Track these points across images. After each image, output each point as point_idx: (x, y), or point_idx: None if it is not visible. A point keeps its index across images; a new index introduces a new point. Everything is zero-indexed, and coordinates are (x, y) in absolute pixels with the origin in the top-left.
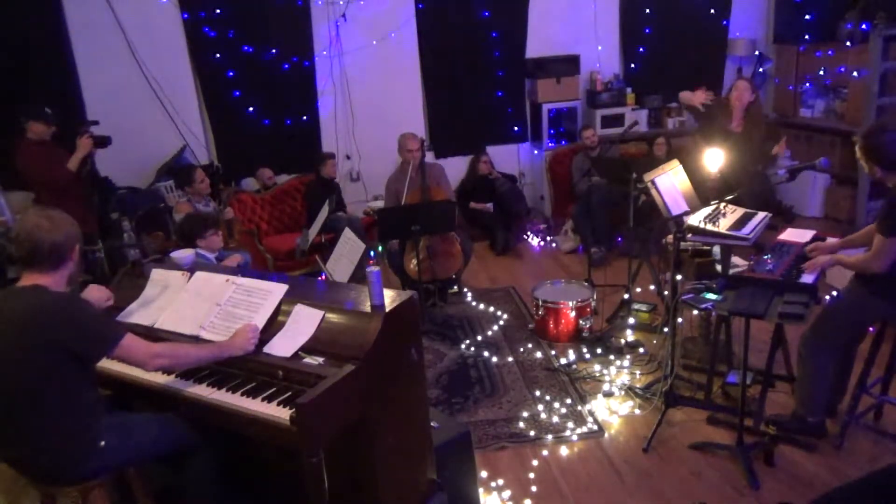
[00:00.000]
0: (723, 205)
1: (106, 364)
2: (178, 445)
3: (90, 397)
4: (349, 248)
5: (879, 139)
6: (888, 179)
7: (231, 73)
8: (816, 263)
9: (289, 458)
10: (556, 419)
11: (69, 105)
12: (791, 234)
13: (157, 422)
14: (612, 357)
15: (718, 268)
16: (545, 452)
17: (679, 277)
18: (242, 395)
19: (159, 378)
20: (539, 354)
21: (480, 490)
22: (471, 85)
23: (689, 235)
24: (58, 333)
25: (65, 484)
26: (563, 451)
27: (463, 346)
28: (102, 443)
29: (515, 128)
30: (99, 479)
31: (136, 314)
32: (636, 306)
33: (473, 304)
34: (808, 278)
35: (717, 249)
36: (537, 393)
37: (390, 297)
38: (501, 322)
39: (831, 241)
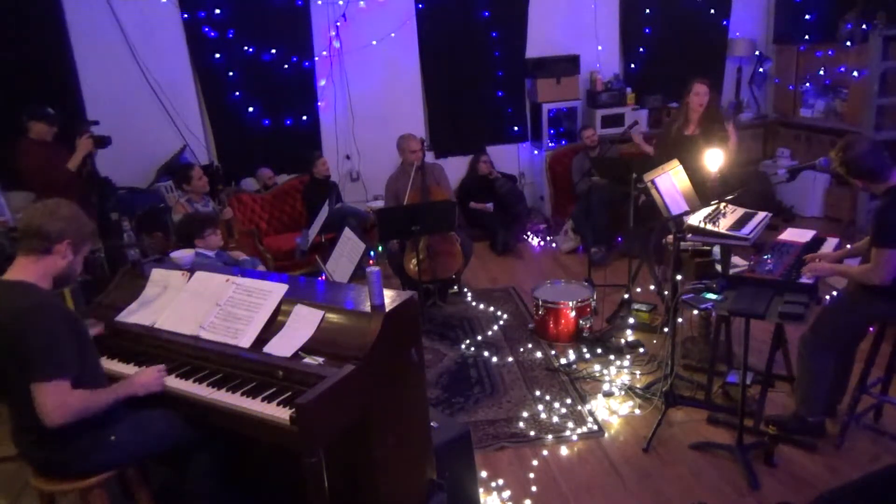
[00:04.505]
0: (723, 205)
1: (103, 362)
2: (181, 442)
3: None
4: (349, 247)
5: (852, 152)
6: (874, 188)
7: (231, 74)
8: (817, 270)
9: (289, 458)
10: (556, 419)
11: (69, 105)
12: (791, 234)
13: (164, 418)
14: (612, 357)
15: (718, 268)
16: (545, 452)
17: (679, 277)
18: (242, 395)
19: None
20: (539, 354)
21: (480, 490)
22: (471, 85)
23: (689, 235)
24: (11, 345)
25: (70, 477)
26: (563, 451)
27: (463, 346)
28: (113, 437)
29: (515, 128)
30: (103, 474)
31: (136, 314)
32: (636, 306)
33: (473, 304)
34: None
35: (717, 249)
36: (537, 393)
37: (390, 297)
38: (501, 322)
39: (832, 253)
